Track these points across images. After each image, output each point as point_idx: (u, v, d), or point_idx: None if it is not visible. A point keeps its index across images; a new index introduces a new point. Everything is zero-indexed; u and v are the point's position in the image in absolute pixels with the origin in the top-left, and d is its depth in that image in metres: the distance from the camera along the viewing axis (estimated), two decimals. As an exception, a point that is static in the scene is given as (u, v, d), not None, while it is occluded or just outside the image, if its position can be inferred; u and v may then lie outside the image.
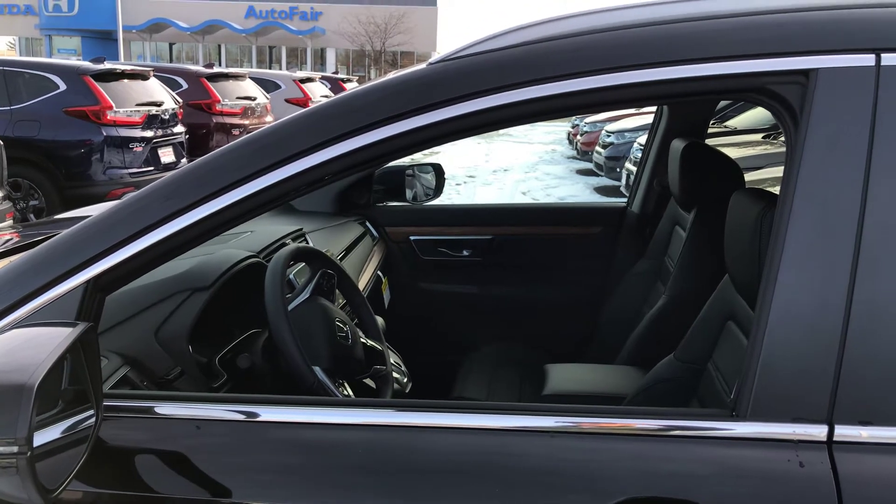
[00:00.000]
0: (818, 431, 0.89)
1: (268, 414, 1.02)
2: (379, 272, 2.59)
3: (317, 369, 1.40)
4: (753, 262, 1.23)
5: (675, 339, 2.00)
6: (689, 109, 2.51)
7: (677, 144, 2.21)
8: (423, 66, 1.09)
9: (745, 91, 0.99)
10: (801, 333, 0.90)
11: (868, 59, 0.92)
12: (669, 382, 1.67)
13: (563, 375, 2.02)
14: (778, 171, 5.67)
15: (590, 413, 0.99)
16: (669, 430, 0.94)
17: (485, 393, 2.31)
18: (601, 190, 10.13)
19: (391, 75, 1.11)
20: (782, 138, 6.56)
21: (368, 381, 1.66)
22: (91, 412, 0.95)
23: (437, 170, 2.93)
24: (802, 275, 0.90)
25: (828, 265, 0.90)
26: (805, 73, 0.93)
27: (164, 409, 1.04)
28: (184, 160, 7.61)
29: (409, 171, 2.89)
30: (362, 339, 1.66)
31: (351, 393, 1.54)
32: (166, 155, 7.35)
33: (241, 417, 1.02)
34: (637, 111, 11.07)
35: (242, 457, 1.00)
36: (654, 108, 3.00)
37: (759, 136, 7.08)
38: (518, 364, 2.49)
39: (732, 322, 1.53)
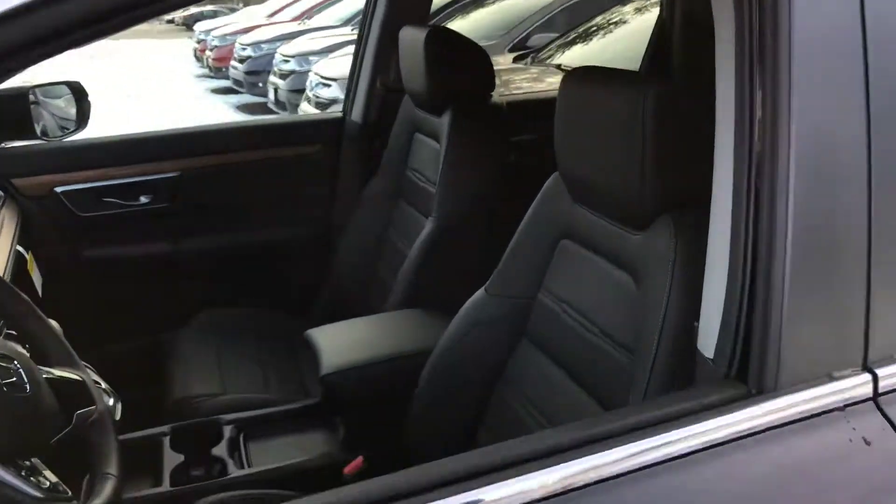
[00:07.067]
0: None
1: None
2: (19, 247, 1.76)
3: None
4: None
5: (454, 270, 1.71)
6: None
7: (412, 34, 1.81)
8: None
9: None
10: None
11: None
12: (491, 324, 1.33)
13: (334, 343, 1.54)
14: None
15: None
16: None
17: (218, 383, 1.74)
18: (245, 108, 9.44)
19: None
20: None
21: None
22: None
23: (77, 90, 2.08)
24: None
25: None
26: None
27: None
28: None
29: (32, 97, 2.01)
30: (46, 374, 0.98)
31: (51, 476, 0.89)
32: None
33: None
34: (269, 21, 10.32)
35: None
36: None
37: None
38: (253, 333, 1.94)
39: (569, 240, 1.24)
